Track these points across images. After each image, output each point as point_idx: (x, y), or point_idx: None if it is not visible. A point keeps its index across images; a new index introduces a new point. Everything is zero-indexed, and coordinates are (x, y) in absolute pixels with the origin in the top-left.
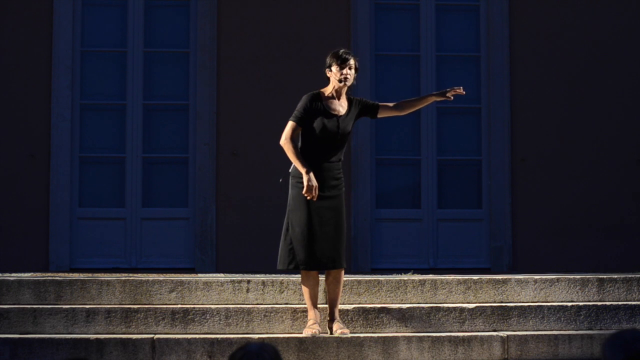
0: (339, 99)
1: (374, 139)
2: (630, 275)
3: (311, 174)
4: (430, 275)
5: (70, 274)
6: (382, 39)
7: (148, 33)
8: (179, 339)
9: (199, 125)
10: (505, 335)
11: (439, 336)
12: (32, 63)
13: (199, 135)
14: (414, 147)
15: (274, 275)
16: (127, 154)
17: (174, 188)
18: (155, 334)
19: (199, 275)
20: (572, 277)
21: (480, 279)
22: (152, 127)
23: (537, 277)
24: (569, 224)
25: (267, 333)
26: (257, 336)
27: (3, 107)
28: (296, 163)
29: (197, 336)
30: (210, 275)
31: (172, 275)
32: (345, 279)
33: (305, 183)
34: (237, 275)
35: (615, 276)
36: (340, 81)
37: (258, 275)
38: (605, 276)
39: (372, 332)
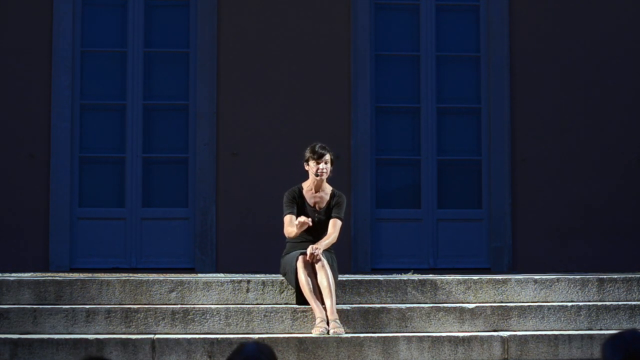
0: (317, 191)
1: (374, 139)
2: (630, 275)
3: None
4: (430, 275)
5: (70, 274)
6: (382, 39)
7: (148, 33)
8: (179, 339)
9: (199, 125)
10: (505, 335)
11: (439, 336)
12: (32, 63)
13: (199, 135)
14: (414, 147)
15: (274, 275)
16: (127, 154)
17: (174, 188)
18: (155, 334)
19: (199, 275)
20: (572, 277)
21: (480, 279)
22: (152, 127)
23: (537, 277)
24: (569, 224)
25: (267, 333)
26: (257, 336)
27: (3, 107)
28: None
29: (197, 336)
30: (210, 275)
31: (172, 275)
32: (345, 279)
33: (300, 222)
34: (237, 275)
35: (615, 276)
36: (316, 175)
37: (258, 275)
38: (605, 276)
39: (372, 332)
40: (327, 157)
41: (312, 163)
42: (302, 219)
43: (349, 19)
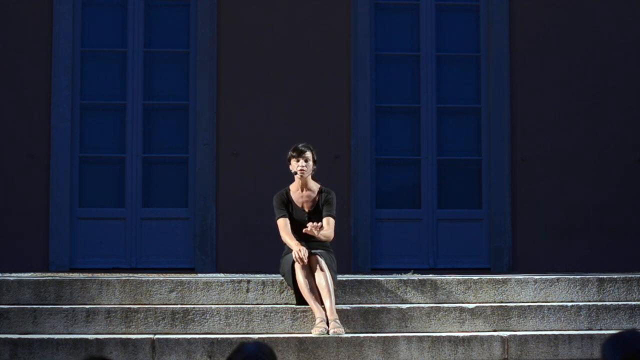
0: (304, 190)
1: (374, 139)
2: (630, 275)
3: (301, 246)
4: (430, 275)
5: (70, 274)
6: (382, 39)
7: (148, 33)
8: (179, 339)
9: (199, 125)
10: (505, 335)
11: (439, 336)
12: (32, 63)
13: (199, 135)
14: (414, 147)
15: (274, 275)
16: (127, 154)
17: (174, 188)
18: (155, 334)
19: (199, 275)
20: (572, 277)
21: (480, 279)
22: (152, 127)
23: (537, 277)
24: (569, 224)
25: (267, 333)
26: (257, 336)
27: (3, 107)
28: (290, 245)
29: (197, 336)
30: (210, 275)
31: (172, 275)
32: (345, 279)
33: (295, 255)
34: (237, 275)
35: (615, 276)
36: (295, 173)
37: (258, 275)
38: (605, 276)
39: (372, 332)
40: (308, 154)
41: (293, 162)
42: (301, 254)
43: (349, 19)
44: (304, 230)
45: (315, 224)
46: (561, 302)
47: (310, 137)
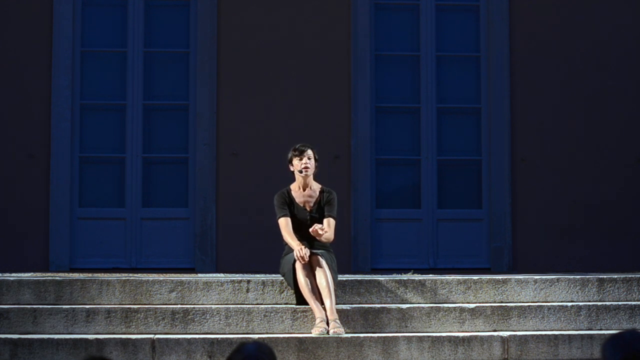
0: (305, 190)
1: (374, 139)
2: (630, 275)
3: (302, 246)
4: (430, 275)
5: (70, 274)
6: (382, 39)
7: (148, 33)
8: (179, 339)
9: (199, 125)
10: (505, 335)
11: (439, 336)
12: (32, 63)
13: (199, 135)
14: (414, 147)
15: (274, 275)
16: (127, 154)
17: (174, 188)
18: (155, 334)
19: (199, 275)
20: (572, 277)
21: (480, 279)
22: (152, 127)
23: (537, 277)
24: (569, 224)
25: (267, 333)
26: (257, 336)
27: (3, 107)
28: (291, 245)
29: (197, 336)
30: (210, 275)
31: (172, 275)
32: (345, 279)
33: (297, 253)
34: (237, 275)
35: (615, 276)
36: (300, 172)
37: (258, 275)
38: (605, 276)
39: (372, 332)
40: (310, 152)
41: (295, 161)
42: (303, 253)
43: (349, 19)
44: (310, 230)
45: (319, 225)
46: (561, 302)
47: (310, 137)
